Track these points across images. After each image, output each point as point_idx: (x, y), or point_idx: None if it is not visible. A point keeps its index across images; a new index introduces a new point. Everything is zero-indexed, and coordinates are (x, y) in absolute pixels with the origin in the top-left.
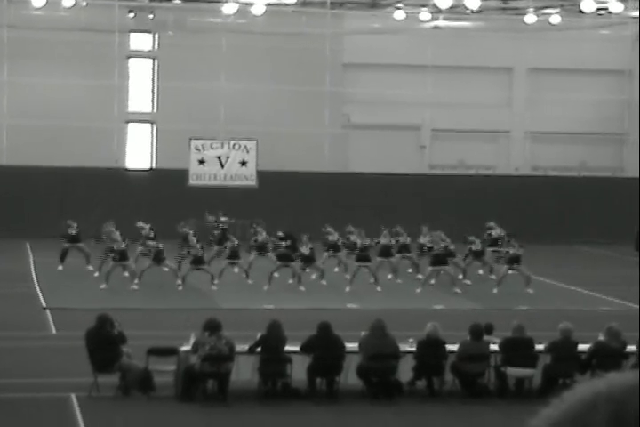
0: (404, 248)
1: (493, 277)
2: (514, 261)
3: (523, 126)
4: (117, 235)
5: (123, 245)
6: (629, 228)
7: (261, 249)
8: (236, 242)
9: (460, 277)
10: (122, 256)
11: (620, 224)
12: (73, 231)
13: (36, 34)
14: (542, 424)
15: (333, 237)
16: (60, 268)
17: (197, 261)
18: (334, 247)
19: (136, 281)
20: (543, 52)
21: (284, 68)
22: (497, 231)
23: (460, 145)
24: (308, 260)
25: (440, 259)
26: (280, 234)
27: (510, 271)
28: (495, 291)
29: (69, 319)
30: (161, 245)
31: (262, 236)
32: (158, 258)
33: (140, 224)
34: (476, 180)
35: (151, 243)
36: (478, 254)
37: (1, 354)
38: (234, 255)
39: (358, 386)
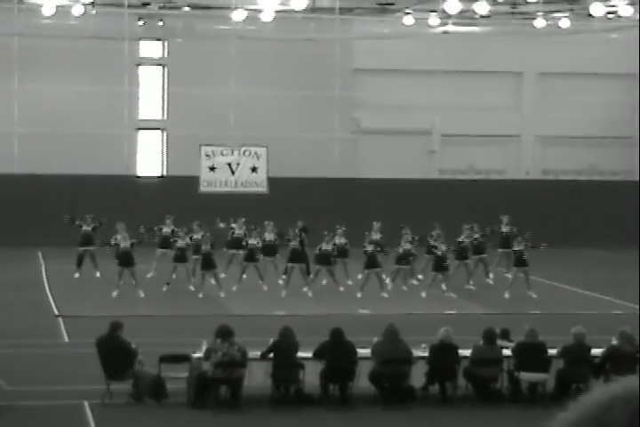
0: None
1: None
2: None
3: (532, 130)
4: (122, 236)
5: (128, 244)
6: None
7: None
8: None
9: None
10: (125, 259)
11: (631, 227)
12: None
13: (45, 42)
14: None
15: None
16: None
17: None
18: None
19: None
20: (552, 55)
21: (294, 73)
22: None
23: (470, 149)
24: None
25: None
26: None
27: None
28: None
29: (82, 327)
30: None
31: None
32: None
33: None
34: (487, 184)
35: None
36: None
37: (14, 362)
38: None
39: (371, 391)
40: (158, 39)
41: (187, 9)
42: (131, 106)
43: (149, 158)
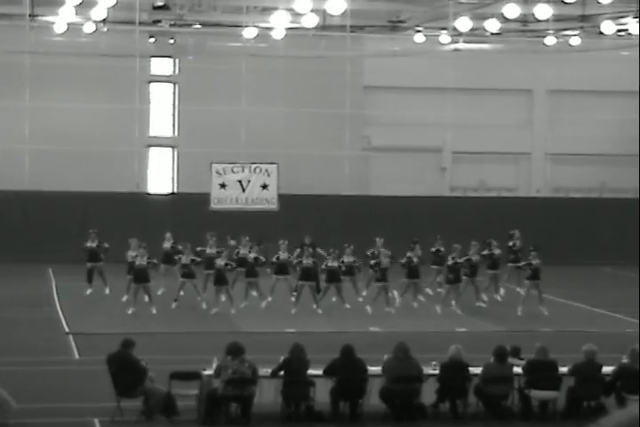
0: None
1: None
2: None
3: (543, 148)
4: (135, 252)
5: (144, 262)
6: None
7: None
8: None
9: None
10: (140, 276)
11: None
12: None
13: (57, 59)
14: None
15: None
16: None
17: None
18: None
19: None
20: (563, 73)
21: (305, 91)
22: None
23: (481, 167)
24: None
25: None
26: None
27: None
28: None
29: (92, 344)
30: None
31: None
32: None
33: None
34: (498, 201)
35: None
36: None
37: (24, 379)
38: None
39: (382, 409)
40: (169, 56)
41: (198, 26)
42: (141, 123)
43: (160, 175)
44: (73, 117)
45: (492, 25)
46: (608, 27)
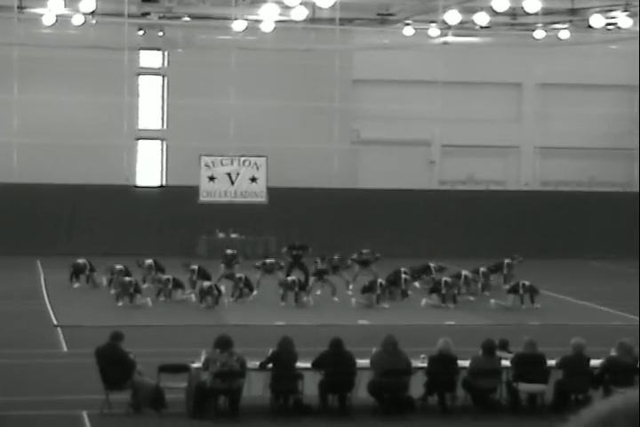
0: None
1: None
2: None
3: (532, 141)
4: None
5: (126, 279)
6: None
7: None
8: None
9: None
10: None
11: (630, 239)
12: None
13: (45, 52)
14: None
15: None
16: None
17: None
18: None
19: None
20: (552, 67)
21: (294, 84)
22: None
23: (470, 160)
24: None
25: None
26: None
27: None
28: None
29: (80, 337)
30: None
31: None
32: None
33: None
34: (486, 195)
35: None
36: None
37: (13, 372)
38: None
39: (370, 402)
40: (158, 49)
41: (187, 19)
42: (130, 116)
43: (149, 168)
44: (62, 110)
45: (482, 18)
46: (597, 20)
